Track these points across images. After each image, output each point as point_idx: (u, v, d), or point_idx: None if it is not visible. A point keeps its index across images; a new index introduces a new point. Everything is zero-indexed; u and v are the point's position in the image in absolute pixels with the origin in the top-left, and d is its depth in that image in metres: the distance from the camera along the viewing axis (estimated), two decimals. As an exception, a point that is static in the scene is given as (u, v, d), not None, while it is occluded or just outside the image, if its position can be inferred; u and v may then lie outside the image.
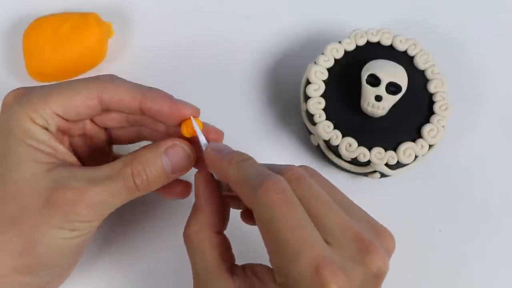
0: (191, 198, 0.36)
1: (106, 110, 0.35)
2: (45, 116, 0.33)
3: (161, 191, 0.39)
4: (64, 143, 0.35)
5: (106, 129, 0.38)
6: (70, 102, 0.33)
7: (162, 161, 0.33)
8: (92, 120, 0.36)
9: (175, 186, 0.39)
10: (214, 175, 0.35)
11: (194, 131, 0.35)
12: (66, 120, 0.34)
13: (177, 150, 0.34)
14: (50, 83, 0.35)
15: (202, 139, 0.35)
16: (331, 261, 0.28)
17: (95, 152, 0.38)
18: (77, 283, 0.40)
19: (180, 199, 0.39)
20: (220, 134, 0.37)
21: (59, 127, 0.34)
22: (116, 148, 0.40)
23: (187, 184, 0.40)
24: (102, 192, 0.32)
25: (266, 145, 0.46)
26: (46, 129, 0.33)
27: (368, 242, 0.29)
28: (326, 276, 0.28)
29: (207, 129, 0.35)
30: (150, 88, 0.35)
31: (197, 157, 0.36)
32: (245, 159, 0.32)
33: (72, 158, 0.34)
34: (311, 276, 0.28)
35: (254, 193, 0.30)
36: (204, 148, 0.35)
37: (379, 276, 0.30)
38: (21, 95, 0.34)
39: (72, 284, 0.39)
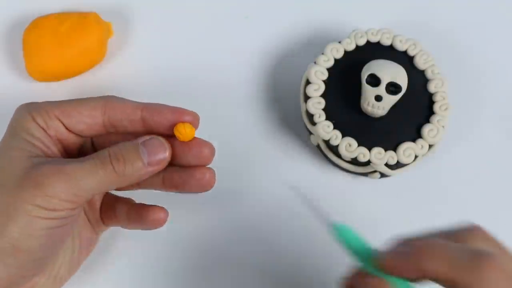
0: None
1: (109, 129, 0.36)
2: (46, 118, 0.35)
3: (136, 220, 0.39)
4: (59, 149, 0.36)
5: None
6: (73, 109, 0.35)
7: (139, 148, 0.35)
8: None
9: (152, 213, 0.38)
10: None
11: (188, 135, 0.36)
12: (67, 129, 0.35)
13: (153, 141, 0.35)
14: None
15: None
16: None
17: None
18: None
19: (151, 229, 0.38)
20: (211, 148, 0.37)
21: (58, 133, 0.35)
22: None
23: (163, 211, 0.38)
24: (78, 169, 0.33)
25: (265, 145, 0.46)
26: (44, 130, 0.35)
27: None
28: None
29: (196, 140, 0.36)
30: (150, 103, 0.37)
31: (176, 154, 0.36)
32: (432, 243, 0.31)
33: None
34: None
35: (470, 271, 0.29)
36: None
37: None
38: (33, 103, 0.36)
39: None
